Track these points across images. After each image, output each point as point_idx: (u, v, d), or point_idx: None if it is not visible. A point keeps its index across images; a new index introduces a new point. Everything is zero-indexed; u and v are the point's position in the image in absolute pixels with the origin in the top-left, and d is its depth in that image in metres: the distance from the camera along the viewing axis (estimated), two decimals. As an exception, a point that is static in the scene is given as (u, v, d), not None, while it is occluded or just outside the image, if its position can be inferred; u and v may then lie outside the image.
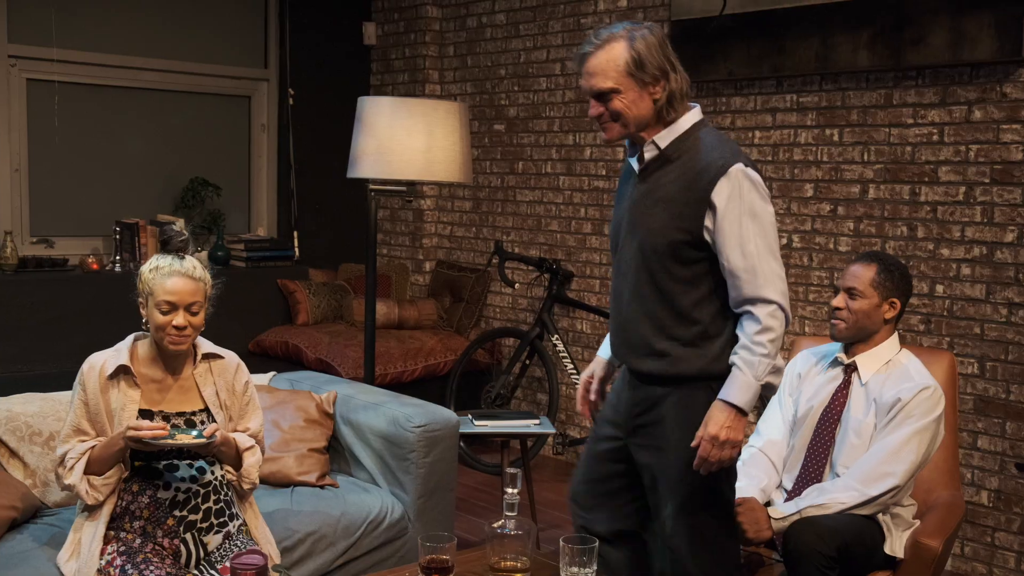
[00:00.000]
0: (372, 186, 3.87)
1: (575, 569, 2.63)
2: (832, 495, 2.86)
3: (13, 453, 3.15)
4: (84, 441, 2.75)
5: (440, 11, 6.28)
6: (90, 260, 5.41)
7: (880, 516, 2.90)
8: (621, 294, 2.69)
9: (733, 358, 2.56)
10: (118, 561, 2.63)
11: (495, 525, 2.66)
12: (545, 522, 4.47)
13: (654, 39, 2.55)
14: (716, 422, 2.51)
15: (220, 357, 2.91)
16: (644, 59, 2.52)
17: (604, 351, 2.90)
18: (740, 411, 2.51)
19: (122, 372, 2.77)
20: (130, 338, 2.86)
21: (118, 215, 5.57)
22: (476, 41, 6.07)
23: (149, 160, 5.87)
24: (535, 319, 5.47)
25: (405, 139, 3.60)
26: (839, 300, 3.07)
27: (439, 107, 3.70)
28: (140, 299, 2.77)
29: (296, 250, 6.19)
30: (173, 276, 2.71)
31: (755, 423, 3.27)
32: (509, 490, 2.66)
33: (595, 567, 2.62)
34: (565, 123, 5.59)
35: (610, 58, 2.53)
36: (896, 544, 2.89)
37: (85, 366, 2.79)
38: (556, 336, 5.32)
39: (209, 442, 2.68)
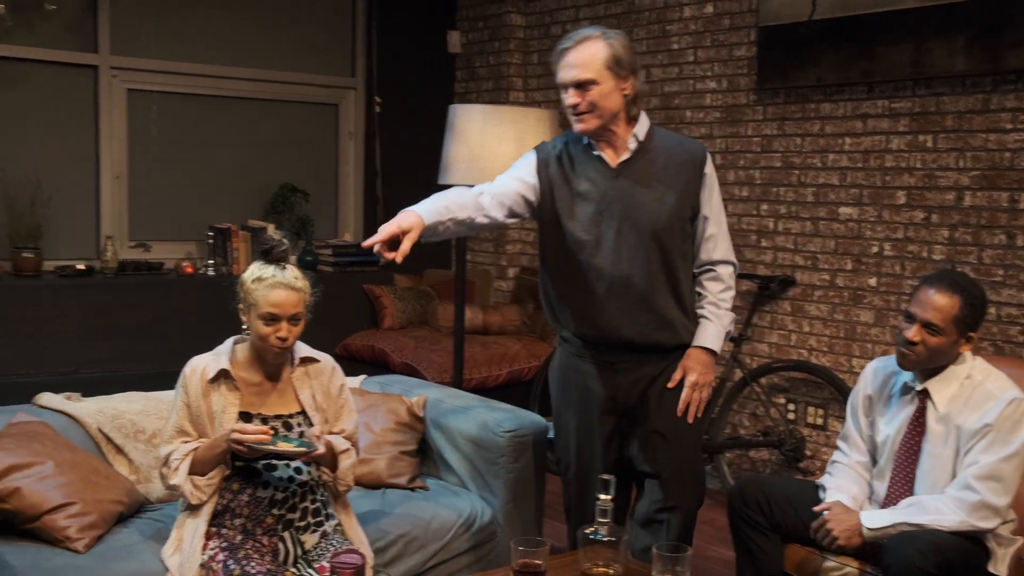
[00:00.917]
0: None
1: (668, 576, 2.64)
2: (933, 516, 2.76)
3: (119, 450, 3.26)
4: (187, 442, 2.83)
5: (524, 19, 6.33)
6: (184, 264, 5.56)
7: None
8: (622, 277, 2.93)
9: (701, 311, 3.02)
10: (220, 556, 2.70)
11: (587, 531, 2.68)
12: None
13: (626, 40, 2.90)
14: (695, 369, 2.99)
15: (316, 360, 2.98)
16: (620, 56, 2.85)
17: (428, 216, 2.77)
18: (715, 354, 3.01)
19: (222, 376, 2.84)
20: (229, 342, 2.94)
21: (211, 220, 5.72)
22: (561, 48, 6.09)
23: (241, 167, 6.01)
24: (619, 326, 5.47)
25: (496, 146, 3.64)
26: (914, 333, 2.83)
27: (529, 115, 3.74)
28: (241, 307, 2.84)
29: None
30: (277, 288, 2.77)
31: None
32: (601, 496, 2.68)
33: (688, 573, 2.62)
34: (650, 130, 5.58)
35: (591, 52, 2.84)
36: (1000, 563, 2.80)
37: (187, 369, 2.87)
38: (640, 343, 5.32)
39: (309, 451, 2.74)
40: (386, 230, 2.69)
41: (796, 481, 3.16)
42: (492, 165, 3.65)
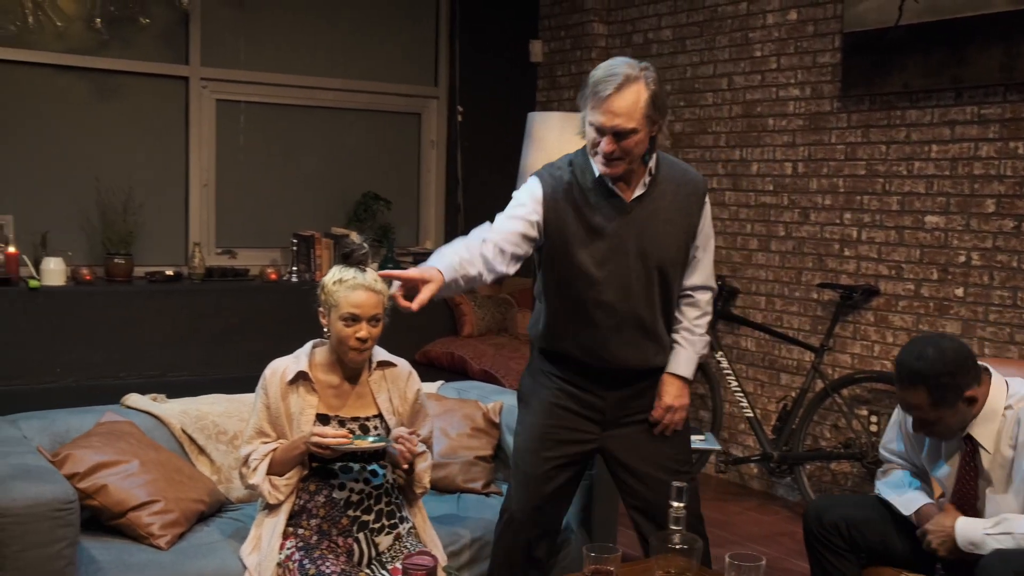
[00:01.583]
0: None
1: (741, 586, 2.60)
2: None
3: (201, 450, 3.34)
4: (266, 443, 2.89)
5: (607, 28, 6.32)
6: (269, 270, 5.67)
7: None
8: (631, 312, 2.90)
9: (676, 336, 3.00)
10: (296, 555, 2.75)
11: (661, 538, 2.66)
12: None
13: (658, 78, 2.76)
14: (670, 394, 2.97)
15: (393, 365, 3.02)
16: (659, 96, 2.74)
17: (447, 272, 2.68)
18: (688, 382, 2.99)
19: (301, 378, 2.90)
20: (309, 345, 2.99)
21: (295, 228, 5.82)
22: (642, 57, 5.99)
23: (324, 175, 6.11)
24: (699, 335, 5.43)
25: (573, 154, 3.63)
26: (922, 432, 2.80)
27: (607, 122, 3.72)
28: (322, 309, 2.90)
29: (462, 263, 6.31)
30: (357, 289, 2.82)
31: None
32: (675, 504, 2.66)
33: (761, 584, 2.59)
34: (732, 138, 5.54)
35: (634, 99, 2.69)
36: None
37: (267, 371, 2.94)
38: (720, 353, 5.27)
39: (387, 444, 2.78)
40: (407, 274, 2.59)
41: (871, 497, 3.10)
42: (569, 172, 3.65)
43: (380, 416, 2.95)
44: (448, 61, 6.48)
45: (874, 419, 4.79)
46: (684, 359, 3.00)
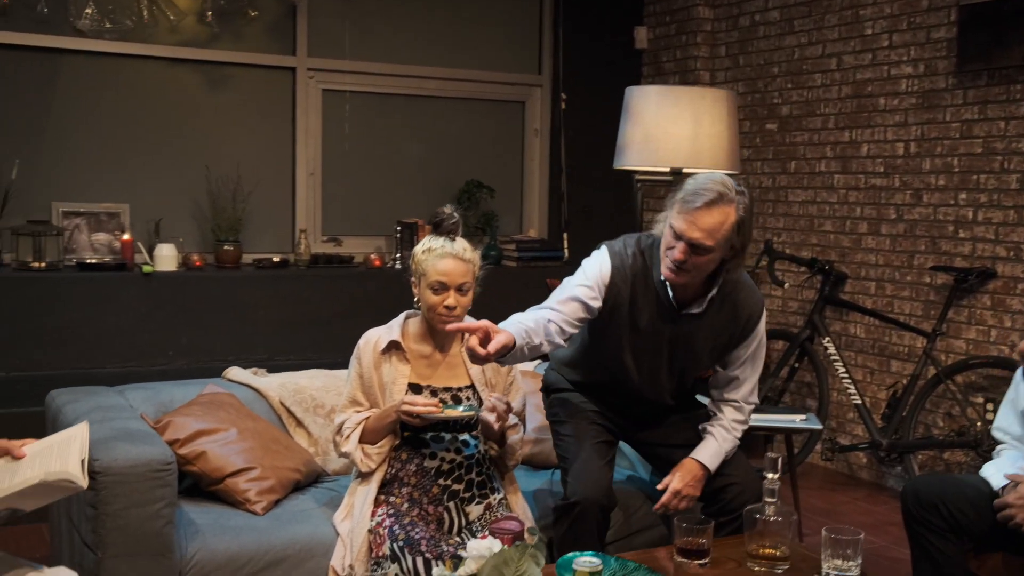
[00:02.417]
0: (638, 176, 3.89)
1: (839, 562, 2.52)
2: None
3: (299, 423, 3.39)
4: (359, 412, 2.92)
5: (712, 11, 6.22)
6: (373, 257, 5.74)
7: None
8: (654, 399, 3.06)
9: (711, 428, 3.00)
10: (387, 522, 2.77)
11: (754, 510, 2.60)
12: (811, 529, 4.30)
13: (750, 206, 2.74)
14: (684, 479, 2.93)
15: (486, 336, 3.00)
16: (744, 228, 2.73)
17: (517, 337, 2.67)
18: (708, 471, 2.95)
19: (394, 347, 2.92)
20: (402, 316, 3.01)
21: (399, 215, 5.88)
22: (748, 40, 5.97)
23: (428, 163, 6.16)
24: (805, 321, 5.29)
25: (671, 127, 3.58)
26: None
27: (706, 95, 3.66)
28: (413, 279, 2.92)
29: (566, 251, 6.30)
30: (445, 258, 2.83)
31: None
32: (769, 475, 2.59)
33: (860, 560, 2.50)
34: (841, 119, 5.38)
35: (722, 221, 2.70)
36: None
37: (361, 341, 2.97)
38: (828, 339, 5.13)
39: (477, 412, 2.78)
40: (478, 324, 2.59)
41: (978, 477, 2.94)
42: (667, 146, 3.60)
43: (472, 387, 2.95)
44: (552, 49, 6.46)
45: (990, 406, 4.59)
46: (711, 451, 2.99)
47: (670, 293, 2.87)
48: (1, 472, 2.09)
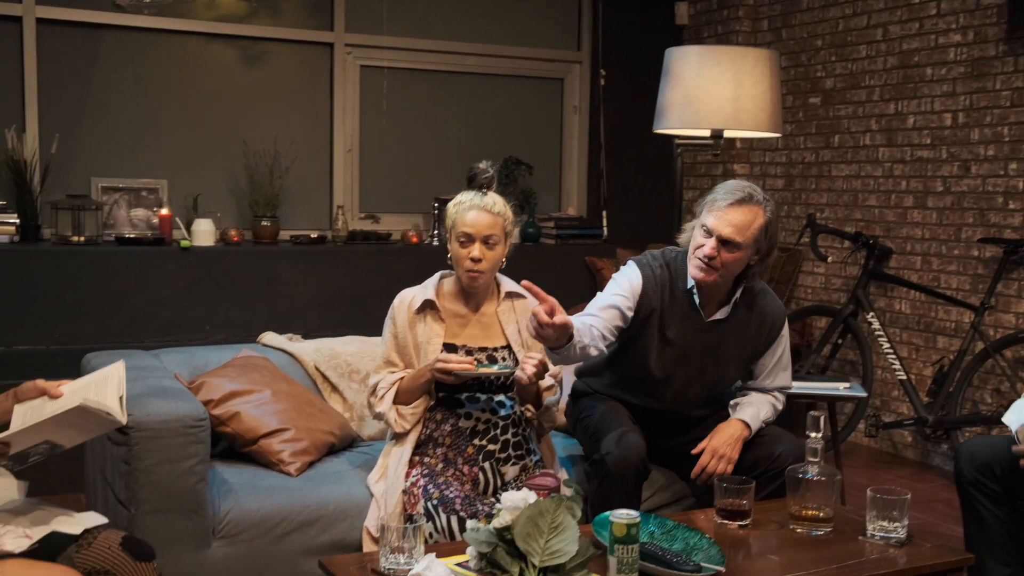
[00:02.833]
0: (678, 141, 3.82)
1: (884, 523, 2.46)
2: None
3: (334, 388, 3.36)
4: (393, 372, 2.88)
5: (754, -15, 6.12)
6: (410, 234, 5.70)
7: None
8: (680, 409, 3.06)
9: (745, 399, 3.04)
10: (421, 482, 2.73)
11: (796, 470, 2.53)
12: (854, 505, 4.21)
13: (776, 212, 2.85)
14: (722, 438, 2.90)
15: (523, 296, 2.96)
16: (770, 230, 2.82)
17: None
18: (748, 431, 2.93)
19: (428, 307, 2.88)
20: (436, 275, 2.98)
21: (437, 192, 5.84)
22: (791, 13, 5.86)
23: (466, 140, 6.11)
24: (849, 296, 5.19)
25: (712, 88, 3.50)
26: None
27: (748, 54, 3.57)
28: (448, 236, 2.88)
29: (604, 229, 6.23)
30: (473, 210, 2.80)
31: None
32: (812, 434, 2.53)
33: (906, 521, 2.43)
34: (886, 91, 5.26)
35: (752, 220, 2.79)
36: None
37: (396, 301, 2.93)
38: (872, 314, 5.02)
39: (512, 371, 2.74)
40: (546, 296, 2.52)
41: None
42: (707, 108, 3.52)
43: (508, 347, 2.90)
44: (591, 25, 6.39)
45: (1041, 381, 4.48)
46: (752, 413, 2.99)
47: (696, 300, 2.92)
48: (39, 409, 2.09)
